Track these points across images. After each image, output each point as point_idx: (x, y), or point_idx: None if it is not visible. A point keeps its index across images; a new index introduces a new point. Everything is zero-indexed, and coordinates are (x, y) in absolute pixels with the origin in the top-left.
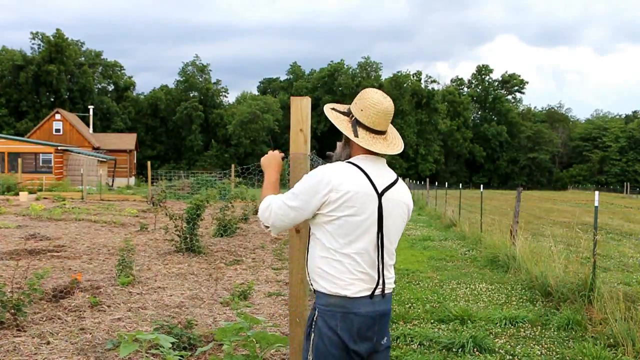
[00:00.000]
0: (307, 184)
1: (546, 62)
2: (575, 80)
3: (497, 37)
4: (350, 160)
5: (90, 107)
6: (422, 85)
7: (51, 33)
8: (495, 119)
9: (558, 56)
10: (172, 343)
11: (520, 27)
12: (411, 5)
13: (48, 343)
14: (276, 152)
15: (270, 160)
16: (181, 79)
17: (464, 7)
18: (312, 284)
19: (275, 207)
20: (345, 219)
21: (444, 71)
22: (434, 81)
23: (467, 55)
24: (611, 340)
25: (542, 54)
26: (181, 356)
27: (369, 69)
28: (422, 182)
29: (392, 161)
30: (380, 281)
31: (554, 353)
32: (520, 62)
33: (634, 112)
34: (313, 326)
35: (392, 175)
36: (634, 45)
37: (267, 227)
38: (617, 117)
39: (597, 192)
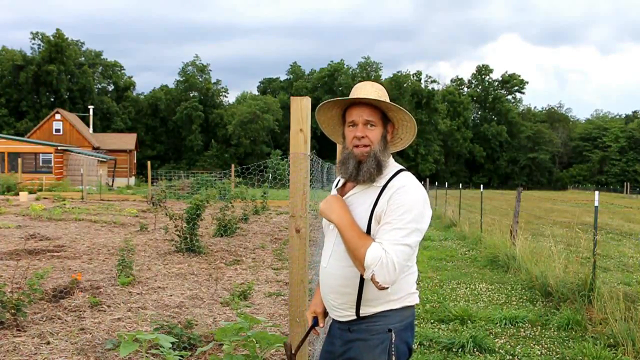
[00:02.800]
0: (420, 210)
1: (549, 61)
2: (578, 80)
3: (500, 37)
4: (404, 168)
5: (90, 107)
6: (422, 85)
7: (51, 33)
8: (495, 119)
9: (561, 55)
10: (172, 343)
11: (524, 27)
12: (414, 4)
13: (48, 343)
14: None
15: (332, 203)
16: (181, 79)
17: (468, 6)
18: (376, 309)
19: (398, 259)
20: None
21: (446, 71)
22: (434, 81)
23: (470, 55)
24: (611, 340)
25: (546, 54)
26: (181, 356)
27: (368, 68)
28: (422, 182)
29: None
30: None
31: (554, 353)
32: (523, 62)
33: (634, 112)
34: (392, 350)
35: None
36: (637, 44)
37: (387, 287)
38: (617, 117)
39: (597, 192)
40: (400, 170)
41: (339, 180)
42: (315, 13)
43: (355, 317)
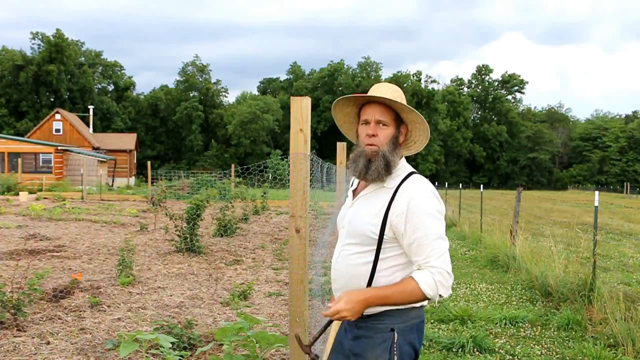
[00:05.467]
0: (439, 210)
1: (552, 60)
2: (581, 79)
3: (503, 36)
4: (415, 171)
5: (90, 107)
6: (422, 85)
7: (51, 33)
8: (495, 119)
9: (564, 55)
10: (172, 343)
11: (528, 26)
12: (418, 3)
13: (48, 343)
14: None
15: (354, 302)
16: (181, 79)
17: (471, 5)
18: (379, 308)
19: (448, 266)
20: None
21: (449, 70)
22: (434, 81)
23: (473, 55)
24: (611, 340)
25: (549, 53)
26: (181, 356)
27: (369, 68)
28: None
29: None
30: None
31: (554, 353)
32: (526, 61)
33: (634, 112)
34: (395, 350)
35: None
36: (638, 44)
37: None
38: (617, 117)
39: (597, 192)
40: (411, 173)
41: (353, 180)
42: (317, 12)
43: (360, 315)
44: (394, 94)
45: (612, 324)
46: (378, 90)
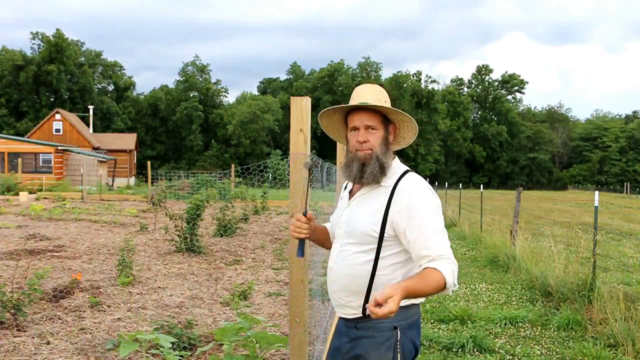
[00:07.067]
0: (438, 205)
1: (554, 60)
2: (582, 79)
3: (505, 36)
4: (410, 169)
5: (90, 107)
6: (422, 85)
7: (51, 33)
8: (495, 119)
9: (566, 54)
10: (172, 343)
11: (530, 25)
12: (420, 3)
13: (48, 343)
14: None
15: (392, 292)
16: (181, 79)
17: (474, 5)
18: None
19: (454, 263)
20: None
21: (450, 70)
22: (434, 81)
23: (474, 54)
24: (611, 340)
25: (551, 53)
26: (181, 356)
27: (368, 69)
28: None
29: None
30: None
31: (554, 353)
32: (528, 61)
33: (634, 112)
34: (398, 348)
35: None
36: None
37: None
38: (617, 117)
39: (597, 192)
40: (406, 172)
41: (347, 184)
42: (318, 12)
43: (361, 315)
44: (378, 95)
45: (612, 324)
46: (360, 95)
